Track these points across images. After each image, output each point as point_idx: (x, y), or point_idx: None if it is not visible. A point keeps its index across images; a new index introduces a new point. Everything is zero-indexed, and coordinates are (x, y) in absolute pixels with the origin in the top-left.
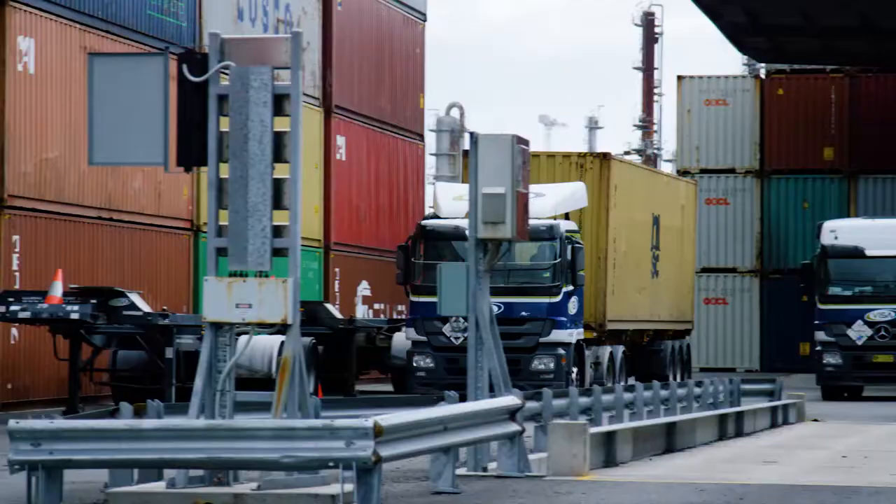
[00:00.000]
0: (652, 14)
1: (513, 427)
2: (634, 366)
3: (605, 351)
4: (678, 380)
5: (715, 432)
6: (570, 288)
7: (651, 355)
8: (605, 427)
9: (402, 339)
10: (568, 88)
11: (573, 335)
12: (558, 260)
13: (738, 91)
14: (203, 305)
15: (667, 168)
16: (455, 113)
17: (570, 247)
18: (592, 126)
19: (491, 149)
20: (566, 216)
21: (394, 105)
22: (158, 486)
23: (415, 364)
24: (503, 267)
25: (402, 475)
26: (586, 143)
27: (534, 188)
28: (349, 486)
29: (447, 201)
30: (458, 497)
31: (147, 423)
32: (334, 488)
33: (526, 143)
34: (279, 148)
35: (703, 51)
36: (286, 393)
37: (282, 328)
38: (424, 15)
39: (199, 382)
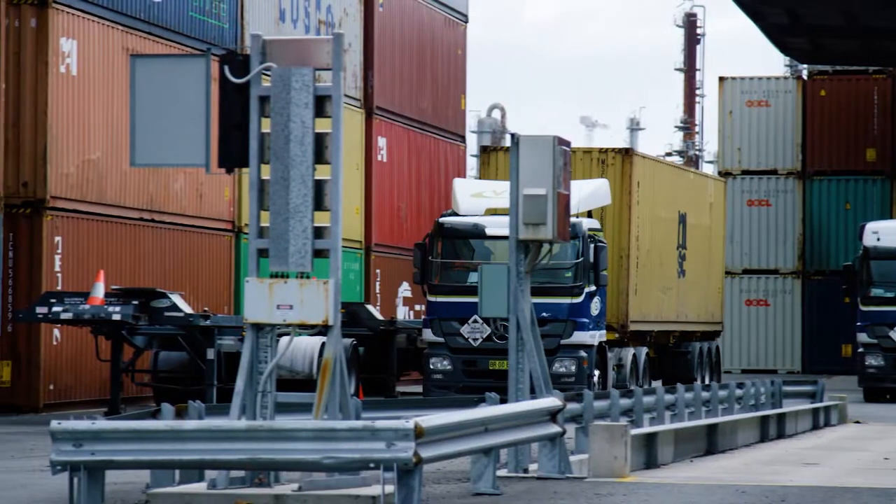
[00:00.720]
0: (694, 15)
1: (554, 428)
2: (661, 368)
3: (629, 353)
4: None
5: (756, 434)
6: (593, 288)
7: (678, 357)
8: (647, 429)
9: None
10: (609, 89)
11: (595, 337)
12: (580, 259)
13: (780, 92)
14: (244, 306)
15: (708, 169)
16: (496, 114)
17: (592, 246)
18: (634, 127)
19: (532, 150)
20: (588, 214)
21: (435, 106)
22: (199, 487)
23: (431, 366)
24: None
25: (442, 476)
26: (627, 144)
27: None
28: (390, 488)
29: (466, 198)
30: (499, 498)
31: (188, 424)
32: (375, 489)
33: (567, 144)
34: (320, 149)
35: (745, 52)
36: (327, 394)
37: (323, 329)
38: (466, 16)
39: (240, 383)
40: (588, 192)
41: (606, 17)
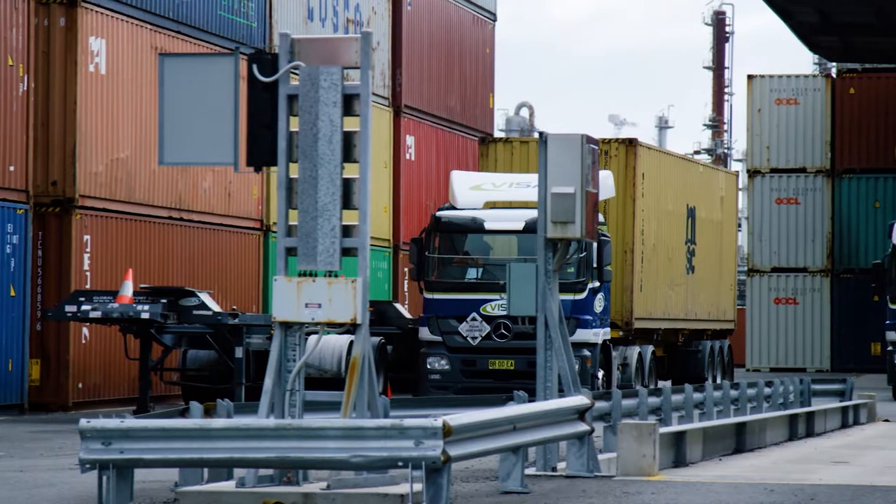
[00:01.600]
0: (723, 13)
1: (582, 427)
2: (670, 368)
3: (634, 351)
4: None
5: (785, 432)
6: (596, 284)
7: (687, 356)
8: (675, 427)
9: None
10: (638, 88)
11: (599, 335)
12: (583, 254)
13: (809, 90)
14: (272, 305)
15: (737, 167)
16: (524, 112)
17: (595, 240)
18: (662, 126)
19: (560, 148)
20: None
21: (463, 104)
22: (228, 486)
23: (428, 366)
24: (523, 262)
25: (470, 475)
26: (656, 142)
27: None
28: (418, 486)
29: (463, 191)
30: (527, 497)
31: (217, 422)
32: (403, 488)
33: (595, 142)
34: (348, 148)
35: (774, 50)
36: (355, 392)
37: (351, 328)
38: (494, 15)
39: (268, 382)
40: None
41: (634, 14)
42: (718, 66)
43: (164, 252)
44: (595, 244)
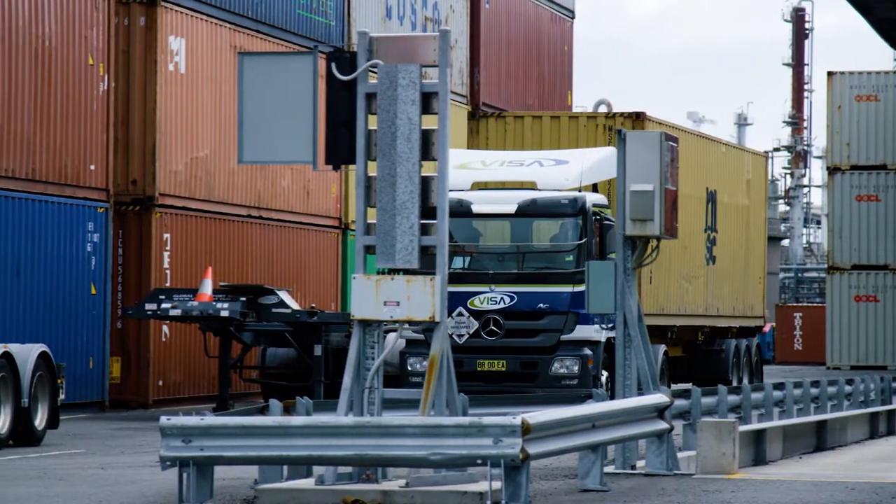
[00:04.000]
0: (802, 10)
1: (661, 425)
2: (690, 369)
3: None
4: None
5: (866, 430)
6: None
7: (709, 356)
8: (755, 425)
9: None
10: (716, 84)
11: (602, 332)
12: (584, 240)
13: (890, 86)
14: (351, 303)
15: (817, 165)
16: (603, 109)
17: (598, 224)
18: (741, 123)
19: (639, 146)
20: (594, 188)
21: (541, 102)
22: (307, 483)
23: (410, 367)
24: (516, 249)
25: (549, 473)
26: (735, 139)
27: (555, 154)
28: (497, 484)
29: (450, 171)
30: (606, 495)
31: (296, 420)
32: (482, 486)
33: (674, 140)
34: (427, 146)
35: (854, 46)
36: (434, 390)
37: (429, 326)
38: (572, 12)
39: (347, 380)
40: (593, 163)
41: (710, 11)
42: (798, 63)
43: (243, 250)
44: (598, 229)
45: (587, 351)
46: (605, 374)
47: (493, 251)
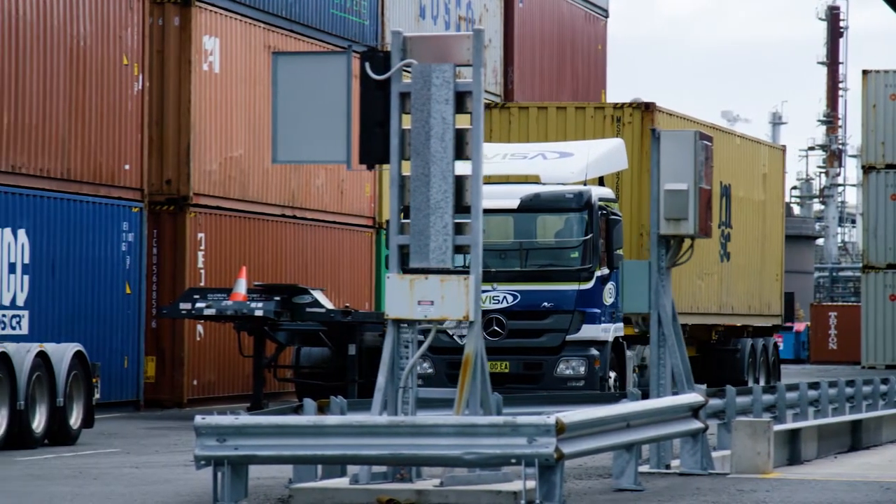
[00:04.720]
0: (837, 8)
1: (696, 424)
2: (703, 369)
3: None
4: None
5: None
6: (605, 271)
7: (723, 356)
8: (790, 425)
9: None
10: (750, 83)
11: (609, 331)
12: (590, 236)
13: None
14: (385, 302)
15: (851, 164)
16: None
17: (604, 219)
18: (776, 122)
19: (673, 145)
20: (600, 181)
21: (575, 101)
22: (342, 483)
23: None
24: (519, 246)
25: (584, 472)
26: (769, 138)
27: (560, 146)
28: (531, 483)
29: None
30: (641, 494)
31: (330, 419)
32: (516, 485)
33: (709, 139)
34: (461, 145)
35: (889, 44)
36: (468, 389)
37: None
38: (606, 11)
39: (381, 379)
40: (599, 155)
41: (744, 10)
42: (833, 62)
43: (277, 250)
44: (605, 224)
45: (594, 351)
46: (612, 374)
47: (495, 248)
